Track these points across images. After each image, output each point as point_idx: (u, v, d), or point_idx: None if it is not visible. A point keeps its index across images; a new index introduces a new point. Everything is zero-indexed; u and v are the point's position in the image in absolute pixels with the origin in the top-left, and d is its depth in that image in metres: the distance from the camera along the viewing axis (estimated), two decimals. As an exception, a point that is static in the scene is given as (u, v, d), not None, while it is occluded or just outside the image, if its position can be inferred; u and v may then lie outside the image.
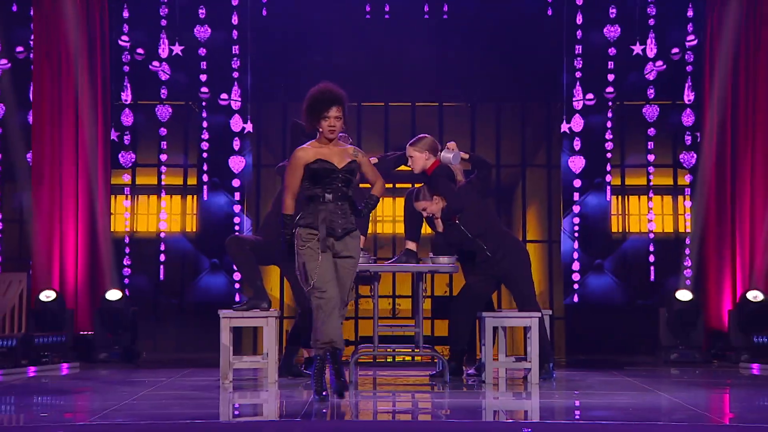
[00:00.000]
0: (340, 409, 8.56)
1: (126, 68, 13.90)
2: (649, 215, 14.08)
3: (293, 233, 8.67)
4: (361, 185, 10.09)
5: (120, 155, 13.92)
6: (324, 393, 8.55)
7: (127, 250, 14.00)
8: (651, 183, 14.13)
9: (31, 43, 13.65)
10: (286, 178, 8.78)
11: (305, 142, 10.51)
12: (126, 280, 13.85)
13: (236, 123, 13.94)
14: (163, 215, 14.11)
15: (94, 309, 13.20)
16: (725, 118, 13.57)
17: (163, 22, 13.91)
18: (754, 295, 12.94)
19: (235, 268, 12.92)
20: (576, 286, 14.05)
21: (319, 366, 8.64)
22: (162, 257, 14.06)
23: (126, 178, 14.02)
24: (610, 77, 13.93)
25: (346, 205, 8.61)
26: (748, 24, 13.52)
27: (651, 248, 14.07)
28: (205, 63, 13.96)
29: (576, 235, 14.04)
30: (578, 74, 13.97)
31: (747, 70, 13.55)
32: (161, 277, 14.07)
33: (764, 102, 13.49)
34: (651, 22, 13.93)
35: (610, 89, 13.96)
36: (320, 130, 8.62)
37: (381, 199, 8.90)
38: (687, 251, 13.84)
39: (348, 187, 8.67)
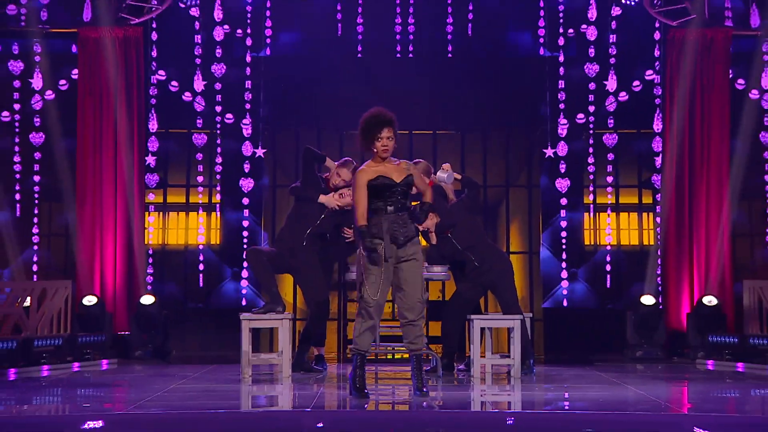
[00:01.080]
0: (345, 399, 8.61)
1: (153, 101, 13.84)
2: (609, 229, 14.04)
3: (372, 241, 8.48)
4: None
5: (153, 177, 13.87)
6: (365, 390, 8.51)
7: (159, 261, 13.98)
8: (619, 201, 14.08)
9: (74, 77, 13.58)
10: (354, 197, 8.63)
11: (317, 166, 10.60)
12: (157, 287, 13.80)
13: (251, 148, 13.88)
14: (194, 230, 14.08)
15: (130, 312, 13.21)
16: (684, 145, 13.54)
17: (198, 60, 13.87)
18: (709, 300, 12.98)
19: (253, 276, 12.96)
20: (554, 292, 13.98)
21: (354, 365, 8.59)
22: (190, 266, 14.04)
23: (154, 197, 13.99)
24: (590, 109, 13.88)
25: (405, 215, 8.53)
26: (703, 63, 13.49)
27: (619, 259, 14.06)
28: (226, 96, 13.89)
29: (555, 246, 14.01)
30: (561, 105, 13.91)
31: (702, 103, 13.53)
32: (189, 284, 14.03)
33: (718, 131, 13.50)
34: (612, 60, 13.88)
35: (581, 118, 13.92)
36: (375, 150, 8.53)
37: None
38: (651, 261, 13.77)
39: (406, 198, 8.56)
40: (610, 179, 14.05)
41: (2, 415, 8.13)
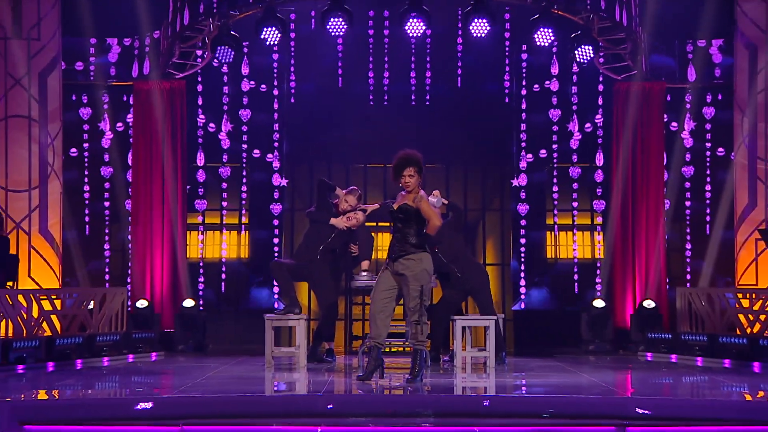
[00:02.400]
0: (351, 385, 8.61)
1: (195, 140, 13.93)
2: (575, 245, 14.11)
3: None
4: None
5: (193, 202, 13.94)
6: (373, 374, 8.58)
7: (198, 271, 13.98)
8: (575, 222, 14.10)
9: (129, 121, 13.64)
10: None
11: (328, 194, 10.62)
12: (196, 293, 13.81)
13: (275, 179, 13.89)
14: (224, 245, 14.09)
15: (174, 313, 13.21)
16: (627, 176, 13.53)
17: (225, 107, 13.92)
18: (648, 303, 13.01)
19: (275, 283, 12.99)
20: (521, 297, 14.00)
21: (368, 353, 8.68)
22: (223, 276, 14.01)
23: (195, 219, 14.03)
24: (551, 146, 13.96)
25: (399, 236, 8.50)
26: (642, 109, 13.49)
27: (575, 269, 14.08)
28: (254, 135, 13.92)
29: (522, 259, 14.03)
30: (523, 144, 13.94)
31: (642, 141, 13.53)
32: (222, 290, 14.01)
33: (654, 164, 13.51)
34: (574, 108, 13.97)
35: (543, 153, 14.00)
36: (400, 184, 8.53)
37: (433, 233, 8.51)
38: (602, 272, 13.81)
39: (403, 223, 8.49)
40: (574, 204, 14.07)
41: (71, 397, 8.18)
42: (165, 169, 13.51)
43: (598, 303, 13.19)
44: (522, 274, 14.01)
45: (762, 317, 11.38)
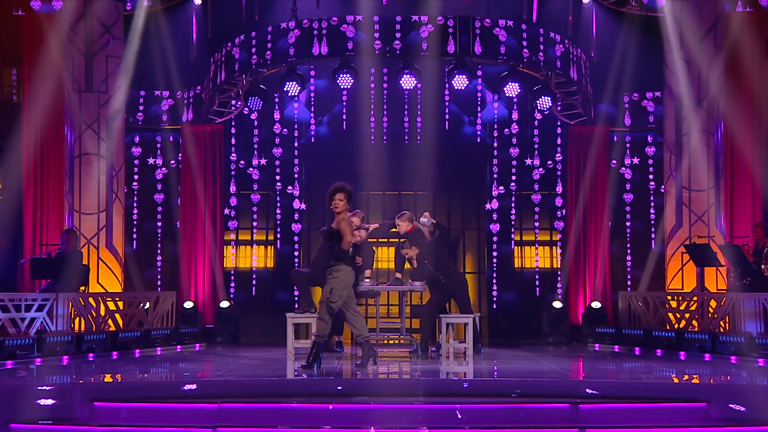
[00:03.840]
0: (356, 370, 8.55)
1: (231, 172, 13.98)
2: (537, 257, 14.14)
3: None
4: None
5: (230, 223, 13.96)
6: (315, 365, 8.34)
7: (233, 278, 13.96)
8: (538, 238, 14.11)
9: (178, 157, 13.72)
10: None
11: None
12: (231, 295, 13.80)
13: (296, 204, 13.88)
14: (254, 258, 14.09)
15: (214, 312, 13.20)
16: (579, 202, 13.54)
17: (255, 146, 13.97)
18: (596, 304, 13.00)
19: (295, 288, 12.98)
20: (494, 299, 13.96)
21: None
22: (254, 282, 13.99)
23: (230, 236, 14.02)
24: (514, 177, 13.95)
25: (326, 251, 8.45)
26: (590, 148, 13.49)
27: (537, 277, 14.07)
28: (279, 169, 13.92)
29: (494, 268, 14.04)
30: (495, 175, 13.98)
31: (594, 172, 13.52)
32: (253, 293, 13.98)
33: (600, 193, 13.52)
34: (536, 146, 13.98)
35: (513, 185, 14.01)
36: (331, 207, 8.43)
37: (351, 247, 8.42)
38: (561, 279, 13.80)
39: (329, 241, 8.37)
40: (536, 224, 14.07)
41: (130, 379, 8.23)
42: (206, 196, 13.53)
43: (557, 304, 13.16)
44: (495, 280, 13.97)
45: (687, 315, 11.40)
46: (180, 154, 13.70)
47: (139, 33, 12.66)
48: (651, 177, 13.84)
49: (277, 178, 13.95)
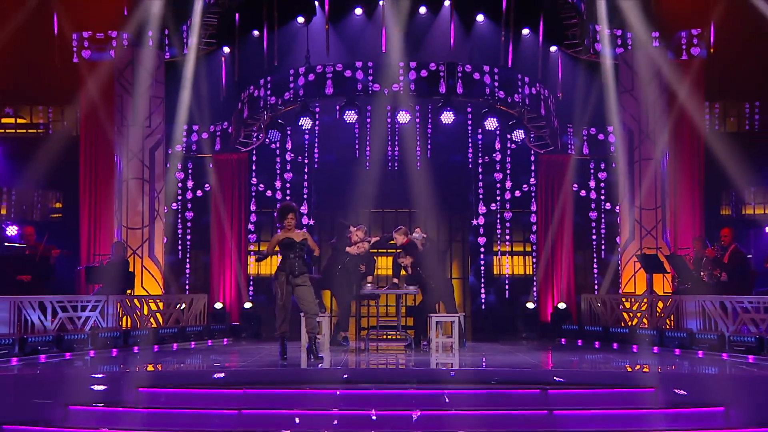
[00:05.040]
0: (358, 361, 8.57)
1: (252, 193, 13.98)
2: (508, 266, 14.13)
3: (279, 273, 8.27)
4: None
5: (251, 236, 13.93)
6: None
7: (255, 283, 13.89)
8: (514, 249, 14.09)
9: (210, 181, 13.72)
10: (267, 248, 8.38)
11: (345, 231, 10.62)
12: (253, 298, 13.75)
13: (305, 220, 13.79)
14: (272, 265, 13.98)
15: (239, 312, 13.16)
16: (549, 219, 13.56)
17: (277, 171, 13.97)
18: (562, 305, 13.04)
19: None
20: (476, 299, 13.94)
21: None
22: (271, 287, 13.95)
23: (253, 247, 13.99)
24: (499, 198, 13.99)
25: (301, 261, 8.37)
26: (557, 174, 13.55)
27: (513, 282, 14.02)
28: (292, 191, 13.88)
29: (477, 275, 13.99)
30: (480, 196, 13.98)
31: (559, 194, 13.55)
32: (271, 296, 13.79)
33: (565, 212, 13.48)
34: (508, 172, 14.01)
35: (493, 206, 14.04)
36: (285, 225, 8.33)
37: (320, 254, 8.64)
38: (536, 284, 13.80)
39: (302, 251, 8.31)
40: (513, 237, 14.09)
41: (169, 369, 8.23)
42: (232, 214, 13.53)
43: (530, 305, 13.20)
44: (477, 285, 13.93)
45: (638, 314, 11.41)
46: (210, 178, 13.69)
47: (189, 82, 12.64)
48: (607, 198, 13.82)
49: (288, 198, 13.91)
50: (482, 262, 14.00)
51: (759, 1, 12.24)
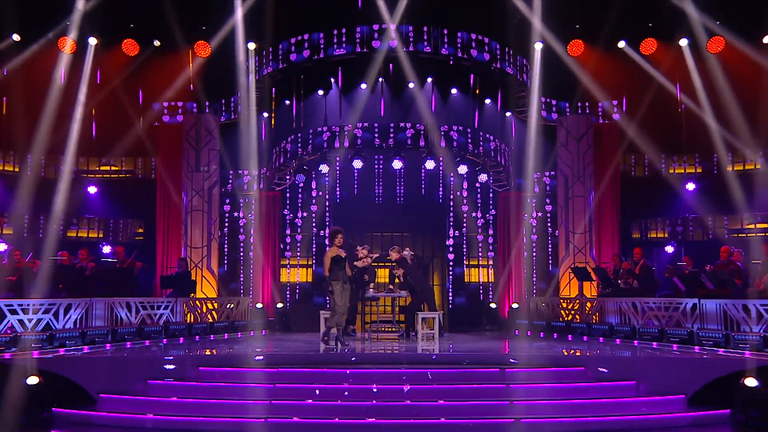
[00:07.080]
0: (363, 348, 8.52)
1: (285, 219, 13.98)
2: (478, 275, 14.12)
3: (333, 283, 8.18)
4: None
5: (285, 253, 13.87)
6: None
7: (287, 288, 13.74)
8: (480, 263, 13.96)
9: (253, 212, 13.47)
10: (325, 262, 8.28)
11: (353, 249, 10.49)
12: (284, 299, 13.58)
13: (326, 242, 13.65)
14: (299, 275, 13.89)
15: (274, 310, 13.04)
16: (506, 239, 13.52)
17: (299, 203, 14.00)
18: (516, 305, 12.92)
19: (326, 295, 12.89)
20: (451, 301, 13.82)
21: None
22: (298, 290, 13.79)
23: (285, 260, 13.91)
24: (465, 225, 13.93)
25: (344, 271, 8.34)
26: (512, 207, 13.47)
27: (479, 287, 14.00)
28: (317, 220, 13.83)
29: (452, 282, 13.91)
30: (451, 221, 13.94)
31: (513, 222, 13.49)
32: (297, 298, 13.75)
33: (518, 234, 13.40)
34: (479, 203, 13.98)
35: (464, 230, 14.02)
36: (335, 243, 8.37)
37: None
38: (496, 289, 13.72)
39: (345, 263, 8.31)
40: (479, 254, 13.94)
41: (222, 352, 8.05)
42: (269, 236, 13.46)
43: (492, 305, 13.14)
44: (451, 290, 13.86)
45: (572, 312, 11.40)
46: (253, 210, 13.65)
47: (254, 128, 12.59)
48: (550, 225, 13.82)
49: (314, 224, 13.90)
50: (455, 273, 13.93)
51: (660, 77, 12.63)
